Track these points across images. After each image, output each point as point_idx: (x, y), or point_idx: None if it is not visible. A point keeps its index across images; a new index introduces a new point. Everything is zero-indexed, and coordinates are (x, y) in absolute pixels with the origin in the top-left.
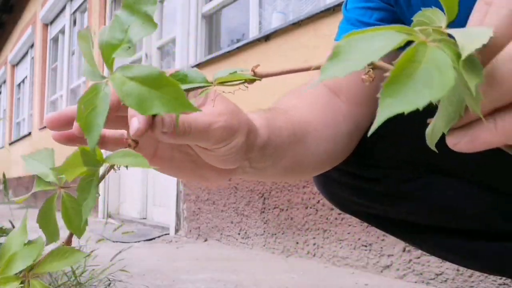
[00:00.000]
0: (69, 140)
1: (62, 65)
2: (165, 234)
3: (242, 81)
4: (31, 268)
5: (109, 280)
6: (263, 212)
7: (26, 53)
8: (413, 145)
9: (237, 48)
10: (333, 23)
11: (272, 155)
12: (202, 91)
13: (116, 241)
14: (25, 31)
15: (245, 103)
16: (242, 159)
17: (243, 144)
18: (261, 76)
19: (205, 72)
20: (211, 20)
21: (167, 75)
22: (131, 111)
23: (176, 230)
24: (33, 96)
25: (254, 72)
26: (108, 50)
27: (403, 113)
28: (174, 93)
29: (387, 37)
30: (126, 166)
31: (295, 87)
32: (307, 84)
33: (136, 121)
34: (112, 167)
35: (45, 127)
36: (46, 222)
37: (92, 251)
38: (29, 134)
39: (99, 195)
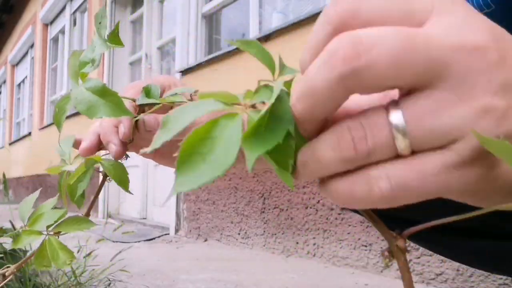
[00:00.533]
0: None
1: (62, 65)
2: (165, 234)
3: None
4: (52, 226)
5: (109, 280)
6: (263, 212)
7: (26, 53)
8: None
9: (237, 48)
10: None
11: None
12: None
13: (116, 241)
14: (25, 31)
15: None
16: None
17: None
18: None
19: (205, 72)
20: (211, 20)
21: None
22: (116, 120)
23: (176, 230)
24: (33, 96)
25: (191, 97)
26: (81, 66)
27: None
28: (116, 101)
29: (205, 107)
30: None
31: None
32: None
33: (122, 127)
34: (105, 178)
35: (45, 127)
36: (72, 192)
37: (92, 251)
38: (29, 134)
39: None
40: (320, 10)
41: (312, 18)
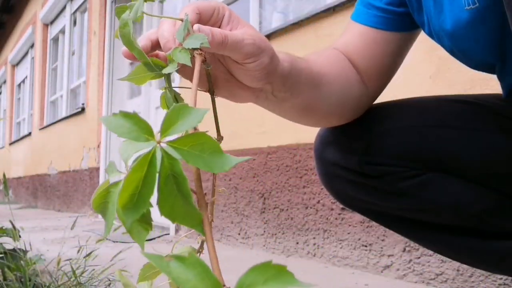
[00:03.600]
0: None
1: (62, 65)
2: (165, 234)
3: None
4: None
5: (109, 280)
6: (263, 212)
7: (26, 53)
8: (415, 143)
9: None
10: (333, 23)
11: (290, 88)
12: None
13: (116, 241)
14: (25, 31)
15: None
16: (266, 80)
17: (267, 65)
18: None
19: None
20: None
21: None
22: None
23: (176, 230)
24: (33, 96)
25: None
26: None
27: (403, 113)
28: None
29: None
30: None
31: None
32: (329, 48)
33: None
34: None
35: (45, 127)
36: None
37: (92, 251)
38: (29, 134)
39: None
40: (320, 10)
41: (312, 18)
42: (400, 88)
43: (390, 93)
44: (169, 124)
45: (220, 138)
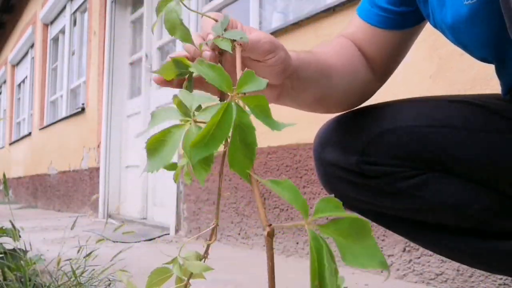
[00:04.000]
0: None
1: (62, 65)
2: (165, 234)
3: None
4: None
5: (109, 280)
6: None
7: (26, 53)
8: (414, 143)
9: None
10: (333, 23)
11: (304, 81)
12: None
13: (116, 241)
14: (25, 31)
15: None
16: (284, 74)
17: (285, 59)
18: None
19: None
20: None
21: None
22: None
23: (176, 230)
24: (33, 96)
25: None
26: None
27: (402, 113)
28: (184, 34)
29: (169, 115)
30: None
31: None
32: (338, 36)
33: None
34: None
35: (45, 127)
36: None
37: (92, 251)
38: (29, 134)
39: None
40: (320, 10)
41: (312, 18)
42: (400, 87)
43: (390, 92)
44: (242, 83)
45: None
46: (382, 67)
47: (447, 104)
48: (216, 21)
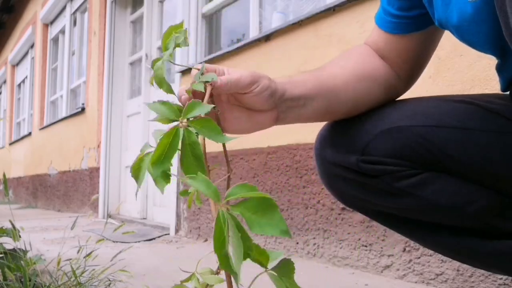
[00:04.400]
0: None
1: (62, 65)
2: (165, 234)
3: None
4: None
5: (109, 280)
6: None
7: (26, 53)
8: (413, 143)
9: (237, 48)
10: (333, 23)
11: (299, 98)
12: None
13: (116, 241)
14: (25, 31)
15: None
16: (273, 98)
17: (269, 86)
18: None
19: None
20: (211, 20)
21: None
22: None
23: (176, 230)
24: (33, 96)
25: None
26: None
27: (401, 112)
28: (166, 87)
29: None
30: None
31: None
32: (361, 45)
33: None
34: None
35: (45, 127)
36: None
37: (92, 251)
38: (29, 134)
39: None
40: (320, 10)
41: (312, 18)
42: None
43: None
44: (188, 111)
45: (230, 170)
46: (407, 71)
47: (446, 104)
48: (198, 69)
